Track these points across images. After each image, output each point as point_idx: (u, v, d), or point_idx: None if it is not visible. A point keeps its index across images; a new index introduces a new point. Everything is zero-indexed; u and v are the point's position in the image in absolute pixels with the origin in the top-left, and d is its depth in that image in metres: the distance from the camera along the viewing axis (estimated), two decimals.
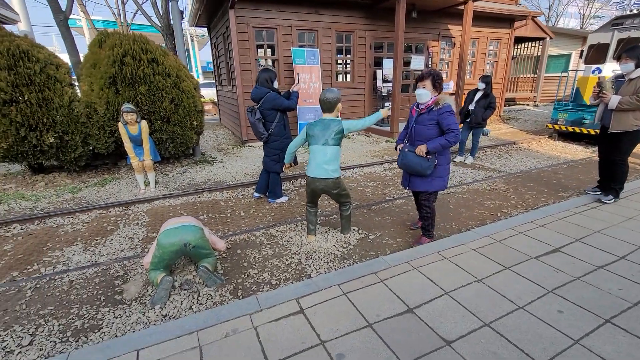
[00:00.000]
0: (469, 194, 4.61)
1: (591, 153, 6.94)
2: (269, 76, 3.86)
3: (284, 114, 4.01)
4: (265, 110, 3.88)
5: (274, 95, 3.84)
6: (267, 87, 3.86)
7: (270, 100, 3.83)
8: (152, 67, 5.09)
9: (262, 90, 3.85)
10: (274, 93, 3.86)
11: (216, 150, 7.59)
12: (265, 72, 3.88)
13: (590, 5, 22.17)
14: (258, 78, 3.91)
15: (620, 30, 7.11)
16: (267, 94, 3.83)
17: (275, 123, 3.93)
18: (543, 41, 14.17)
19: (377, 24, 8.48)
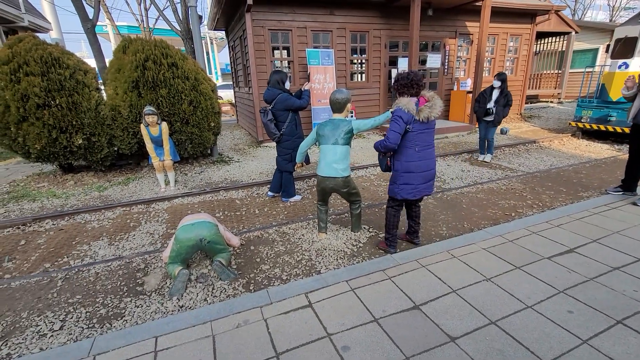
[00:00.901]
0: (483, 194, 4.55)
1: (617, 151, 6.67)
2: (280, 77, 3.96)
3: (296, 113, 4.11)
4: (278, 111, 3.99)
5: (285, 96, 3.94)
6: (278, 89, 3.97)
7: (282, 101, 3.94)
8: (172, 71, 5.30)
9: (274, 92, 3.95)
10: (286, 94, 3.95)
11: (233, 150, 7.79)
12: (277, 73, 3.99)
13: None
14: (270, 80, 4.02)
15: None
16: (279, 95, 3.93)
17: (287, 123, 4.03)
18: (568, 36, 13.63)
19: (392, 23, 8.44)
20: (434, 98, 2.66)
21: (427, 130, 2.70)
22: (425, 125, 2.66)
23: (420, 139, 2.68)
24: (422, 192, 2.83)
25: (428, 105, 2.62)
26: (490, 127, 5.99)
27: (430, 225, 3.69)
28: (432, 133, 2.75)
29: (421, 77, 2.69)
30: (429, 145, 2.74)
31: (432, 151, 2.78)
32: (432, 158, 2.79)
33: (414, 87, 2.62)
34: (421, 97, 2.67)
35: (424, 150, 2.72)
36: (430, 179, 2.83)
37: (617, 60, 7.19)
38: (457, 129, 8.74)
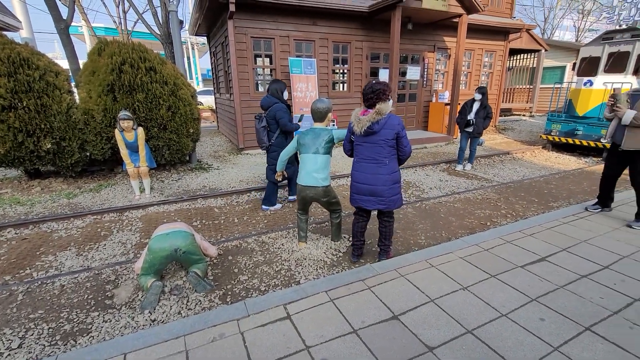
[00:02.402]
0: (460, 203, 4.67)
1: (583, 164, 7.03)
2: (279, 87, 4.02)
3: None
4: (270, 119, 4.00)
5: (280, 106, 3.96)
6: (276, 97, 4.01)
7: (275, 111, 3.95)
8: (150, 75, 5.18)
9: (272, 100, 4.00)
10: (282, 105, 3.99)
11: (212, 157, 7.65)
12: (276, 83, 4.05)
13: (585, 19, 22.61)
14: (269, 88, 4.07)
15: (611, 44, 7.27)
16: (275, 104, 3.97)
17: (277, 134, 4.06)
18: (538, 53, 14.40)
19: (374, 35, 8.64)
20: (377, 111, 2.53)
21: (366, 143, 2.64)
22: (363, 139, 2.63)
23: (359, 151, 2.70)
24: (370, 205, 2.74)
25: (357, 118, 2.60)
26: (473, 137, 6.25)
27: (410, 234, 3.73)
28: (373, 148, 2.63)
29: (375, 88, 2.56)
30: (368, 159, 2.66)
31: (374, 167, 2.66)
32: (372, 173, 2.67)
33: (366, 99, 2.61)
34: (369, 110, 2.60)
35: (362, 163, 2.70)
36: (369, 194, 2.71)
37: (583, 78, 7.63)
38: (436, 140, 8.97)
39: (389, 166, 2.66)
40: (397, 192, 2.74)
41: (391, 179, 2.68)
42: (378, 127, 2.56)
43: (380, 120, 2.55)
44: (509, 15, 10.98)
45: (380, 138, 2.59)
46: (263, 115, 4.05)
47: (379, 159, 2.64)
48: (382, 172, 2.66)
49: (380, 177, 2.66)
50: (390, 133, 2.57)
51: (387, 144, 2.60)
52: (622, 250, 3.05)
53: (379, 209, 2.77)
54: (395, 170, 2.71)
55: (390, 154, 2.64)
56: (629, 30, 7.09)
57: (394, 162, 2.69)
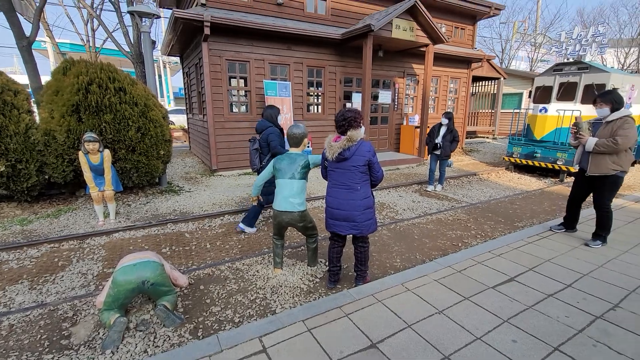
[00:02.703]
0: (432, 225, 4.79)
1: (543, 184, 7.50)
2: (274, 112, 4.23)
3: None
4: (263, 142, 4.10)
5: (272, 130, 4.08)
6: (270, 122, 4.17)
7: (268, 134, 4.06)
8: (119, 95, 5.02)
9: (265, 124, 4.15)
10: (275, 129, 4.12)
11: (184, 179, 7.43)
12: (271, 108, 4.27)
13: (537, 50, 24.82)
14: (263, 113, 4.28)
15: (561, 75, 7.98)
16: (268, 128, 4.10)
17: (268, 157, 4.12)
18: (498, 80, 15.51)
19: (347, 61, 8.96)
20: (348, 138, 2.58)
21: (338, 169, 2.68)
22: (336, 165, 2.69)
23: (332, 177, 2.76)
24: (344, 230, 2.75)
25: (329, 144, 2.66)
26: (442, 160, 6.53)
27: (385, 257, 3.76)
28: (345, 174, 2.66)
29: (346, 115, 2.61)
30: (341, 185, 2.70)
31: (346, 192, 2.68)
32: (345, 199, 2.69)
33: (338, 126, 2.67)
34: (341, 136, 2.65)
35: (335, 188, 2.74)
36: (342, 219, 2.72)
37: (538, 105, 8.28)
38: (407, 161, 9.27)
39: (361, 192, 2.70)
40: (371, 217, 2.78)
41: (364, 204, 2.71)
42: (349, 154, 2.61)
43: (352, 147, 2.61)
44: (471, 46, 11.83)
45: (351, 164, 2.64)
46: (257, 138, 4.17)
47: (350, 185, 2.69)
48: (355, 197, 2.69)
49: (353, 203, 2.70)
50: (361, 159, 2.63)
51: (359, 170, 2.65)
52: (582, 268, 3.23)
53: (353, 234, 2.79)
54: (368, 196, 2.75)
55: (361, 179, 2.69)
56: (575, 63, 7.85)
57: (366, 188, 2.74)
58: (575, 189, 3.97)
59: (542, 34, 24.26)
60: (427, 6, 8.65)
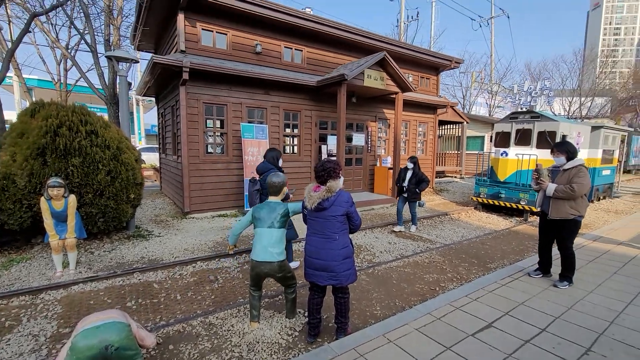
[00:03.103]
0: (410, 268, 4.82)
1: (509, 223, 7.87)
2: (276, 155, 4.43)
3: None
4: (264, 182, 4.15)
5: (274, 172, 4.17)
6: (272, 164, 4.35)
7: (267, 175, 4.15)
8: (90, 138, 4.88)
9: (268, 166, 4.33)
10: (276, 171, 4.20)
11: (153, 222, 7.10)
12: (273, 151, 4.48)
13: (493, 98, 27.27)
14: (266, 155, 4.48)
15: (517, 123, 8.74)
16: (271, 169, 4.25)
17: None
18: (461, 124, 16.71)
19: (322, 105, 9.35)
20: (327, 189, 2.65)
21: (317, 219, 2.71)
22: (315, 214, 2.72)
23: (311, 225, 2.79)
24: (323, 280, 2.72)
25: (309, 194, 2.73)
26: (411, 201, 6.73)
27: (365, 304, 3.69)
28: (324, 223, 2.68)
29: (326, 166, 2.71)
30: (319, 234, 2.71)
31: (325, 242, 2.69)
32: (323, 248, 2.69)
33: (317, 176, 2.77)
34: (321, 186, 2.72)
35: (314, 237, 2.75)
36: (321, 269, 2.70)
37: (499, 149, 8.90)
38: (382, 202, 9.47)
39: (340, 241, 2.72)
40: (350, 266, 2.77)
41: (342, 253, 2.72)
42: (328, 204, 2.67)
43: (330, 198, 2.67)
44: (436, 93, 12.80)
45: (330, 214, 2.68)
46: (257, 179, 4.31)
47: (329, 234, 2.70)
48: (333, 247, 2.70)
49: (331, 252, 2.69)
50: (340, 209, 2.69)
51: (337, 219, 2.70)
52: (554, 311, 3.32)
53: (332, 284, 2.75)
54: (347, 245, 2.76)
55: (340, 229, 2.72)
56: (529, 112, 8.66)
57: (344, 237, 2.76)
58: (542, 234, 4.18)
59: (497, 83, 26.80)
60: (395, 58, 9.40)
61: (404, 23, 19.70)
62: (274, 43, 8.63)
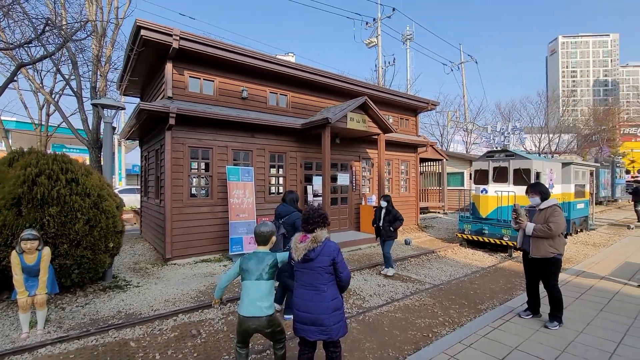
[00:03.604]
0: (401, 312, 4.70)
1: (495, 260, 7.93)
2: (295, 197, 4.69)
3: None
4: (289, 226, 4.34)
5: (298, 215, 4.40)
6: (293, 207, 4.57)
7: (294, 219, 4.30)
8: (70, 187, 4.75)
9: (289, 208, 4.55)
10: (299, 213, 4.44)
11: (132, 270, 6.75)
12: (292, 193, 4.76)
13: (469, 135, 28.71)
14: (285, 198, 4.69)
15: (493, 161, 9.15)
16: (293, 212, 4.46)
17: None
18: (441, 162, 17.31)
19: (307, 147, 9.56)
20: (313, 239, 2.61)
21: (305, 270, 2.65)
22: (302, 265, 2.66)
23: (299, 277, 2.72)
24: (313, 335, 2.61)
25: (295, 245, 2.66)
26: (386, 240, 6.49)
27: (357, 356, 3.54)
28: (311, 274, 2.62)
29: (313, 216, 2.70)
30: (307, 286, 2.64)
31: (313, 294, 2.61)
32: (311, 301, 2.61)
33: (303, 224, 2.74)
34: (307, 236, 2.68)
35: (302, 289, 2.68)
36: (310, 323, 2.60)
37: (479, 186, 9.22)
38: (369, 241, 9.43)
39: (328, 293, 2.64)
40: (340, 319, 2.68)
41: (331, 306, 2.63)
42: (314, 255, 2.63)
43: (317, 248, 2.63)
44: (415, 133, 13.38)
45: (317, 265, 2.63)
46: (278, 224, 4.39)
47: (317, 286, 2.63)
48: (322, 299, 2.62)
49: (320, 305, 2.61)
50: (327, 260, 2.63)
51: (325, 270, 2.64)
52: (549, 355, 3.28)
53: (322, 339, 2.64)
54: (336, 297, 2.68)
55: (328, 280, 2.65)
56: (503, 151, 9.12)
57: (333, 289, 2.68)
58: (527, 273, 4.25)
59: (471, 122, 28.35)
60: (376, 102, 9.89)
61: (381, 68, 21.00)
62: (259, 88, 8.96)
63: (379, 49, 20.21)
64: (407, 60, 23.26)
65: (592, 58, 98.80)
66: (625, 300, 4.75)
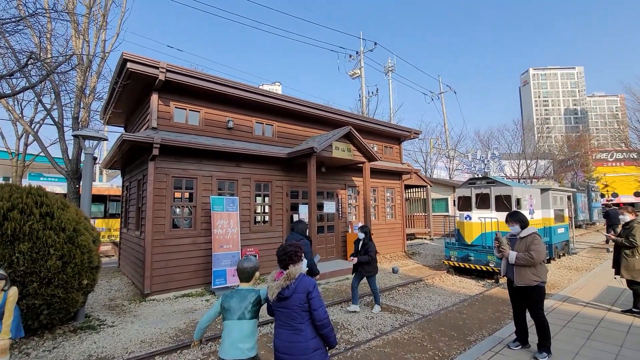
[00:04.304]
0: (390, 347, 4.56)
1: (482, 287, 7.90)
2: (305, 226, 4.99)
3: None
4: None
5: (305, 242, 4.68)
6: (303, 235, 4.81)
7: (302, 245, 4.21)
8: (44, 221, 4.54)
9: (299, 237, 4.76)
10: (307, 240, 4.78)
11: (107, 308, 6.37)
12: (301, 223, 5.02)
13: (452, 162, 29.53)
14: (294, 227, 4.95)
15: (475, 188, 9.37)
16: (302, 240, 4.61)
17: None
18: (426, 188, 17.60)
19: (292, 176, 9.58)
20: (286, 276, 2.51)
21: (281, 309, 2.53)
22: (278, 304, 2.54)
23: (277, 316, 2.59)
24: None
25: (270, 283, 2.56)
26: (367, 276, 6.00)
27: None
28: (288, 313, 2.49)
29: (287, 250, 2.63)
30: (285, 326, 2.52)
31: (291, 334, 2.48)
32: (290, 341, 2.46)
33: (279, 261, 2.65)
34: (284, 271, 2.58)
35: (280, 329, 2.56)
36: None
37: (463, 213, 9.36)
38: None
39: (307, 332, 2.49)
40: (322, 359, 2.55)
41: (312, 346, 2.48)
42: (289, 293, 2.48)
43: (291, 285, 2.49)
44: (399, 161, 13.67)
45: (293, 303, 2.48)
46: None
47: (294, 326, 2.50)
48: (300, 339, 2.48)
49: (299, 345, 2.46)
50: (302, 297, 2.49)
51: (301, 308, 2.49)
52: None
53: None
54: (315, 336, 2.54)
55: (306, 318, 2.51)
56: (484, 178, 9.38)
57: (312, 327, 2.53)
58: (513, 301, 4.25)
59: (452, 149, 29.26)
60: (360, 131, 10.14)
61: (365, 98, 21.72)
62: (245, 119, 9.06)
63: (362, 80, 21.00)
64: (390, 91, 24.19)
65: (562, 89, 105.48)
66: (611, 327, 4.77)
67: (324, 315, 2.52)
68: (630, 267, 5.13)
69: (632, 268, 5.11)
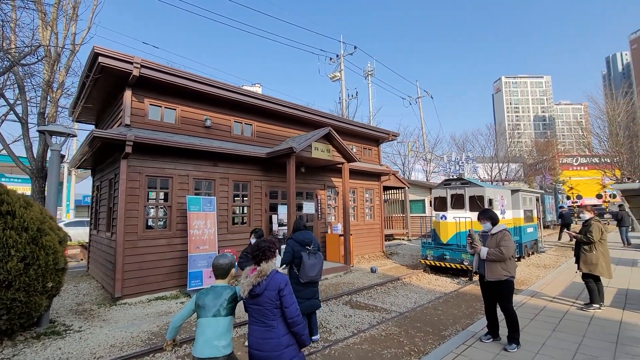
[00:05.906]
0: (367, 344, 4.60)
1: (457, 284, 8.13)
2: (301, 223, 4.92)
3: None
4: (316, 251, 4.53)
5: (290, 241, 4.63)
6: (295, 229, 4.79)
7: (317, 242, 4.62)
8: (5, 220, 4.27)
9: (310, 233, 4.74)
10: (291, 240, 4.64)
11: (74, 313, 6.06)
12: (302, 219, 5.20)
13: (429, 164, 30.32)
14: (300, 226, 4.81)
15: (450, 189, 9.65)
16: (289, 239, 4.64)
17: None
18: (403, 190, 17.95)
19: (272, 175, 9.50)
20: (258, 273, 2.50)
21: (254, 306, 2.52)
22: (250, 301, 2.53)
23: (250, 313, 2.58)
24: None
25: (241, 281, 2.55)
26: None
27: None
28: (260, 310, 2.48)
29: (261, 245, 2.63)
30: (258, 322, 2.52)
31: (263, 331, 2.48)
32: (262, 338, 2.47)
33: (253, 256, 2.65)
34: (255, 268, 2.57)
35: (253, 326, 2.55)
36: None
37: (439, 213, 9.61)
38: (335, 270, 9.32)
39: (279, 329, 2.49)
40: (294, 355, 2.53)
41: (283, 342, 2.48)
42: (260, 290, 2.48)
43: (262, 282, 2.49)
44: (378, 162, 13.87)
45: (264, 300, 2.48)
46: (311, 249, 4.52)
47: (267, 322, 2.49)
48: (272, 336, 2.47)
49: (270, 342, 2.46)
50: (274, 294, 2.49)
51: (273, 305, 2.48)
52: None
53: None
54: (287, 332, 2.53)
55: (278, 316, 2.51)
56: (459, 179, 9.68)
57: (284, 324, 2.53)
58: (484, 296, 4.41)
59: (429, 152, 30.05)
60: (340, 132, 10.21)
61: (345, 100, 21.94)
62: (224, 118, 8.92)
63: (342, 83, 21.19)
64: (369, 94, 24.53)
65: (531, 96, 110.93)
66: (574, 319, 5.03)
67: (295, 313, 2.52)
68: (588, 261, 5.46)
69: (589, 262, 5.44)
